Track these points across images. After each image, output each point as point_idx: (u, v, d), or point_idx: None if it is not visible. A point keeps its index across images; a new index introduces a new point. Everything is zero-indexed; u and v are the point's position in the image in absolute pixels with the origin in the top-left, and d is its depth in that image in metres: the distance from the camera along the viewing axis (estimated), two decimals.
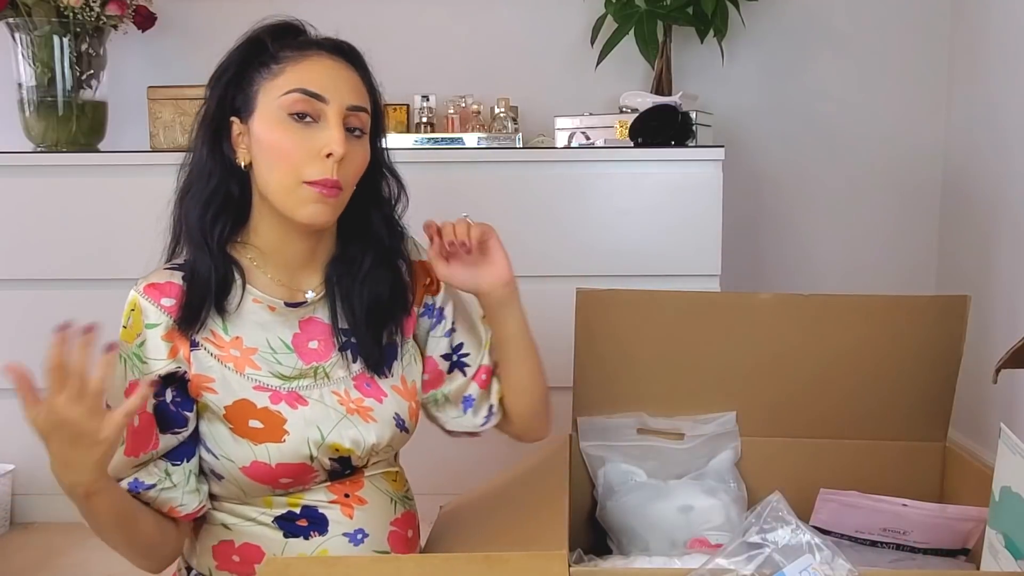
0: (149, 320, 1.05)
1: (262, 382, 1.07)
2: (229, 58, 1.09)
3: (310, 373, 1.10)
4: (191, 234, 1.08)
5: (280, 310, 1.11)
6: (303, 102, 1.04)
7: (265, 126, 1.05)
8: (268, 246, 1.11)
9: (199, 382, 1.06)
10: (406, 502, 1.19)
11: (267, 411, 1.06)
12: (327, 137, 1.04)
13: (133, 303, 1.07)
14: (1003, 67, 2.19)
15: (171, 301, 1.06)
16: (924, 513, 1.18)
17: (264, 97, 1.06)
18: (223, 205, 1.08)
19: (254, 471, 1.06)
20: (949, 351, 1.31)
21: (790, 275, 2.56)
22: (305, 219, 1.06)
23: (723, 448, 1.34)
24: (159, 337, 1.05)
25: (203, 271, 1.06)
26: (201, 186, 1.08)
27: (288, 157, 1.04)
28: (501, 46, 2.50)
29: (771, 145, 2.54)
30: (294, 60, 1.06)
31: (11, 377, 0.89)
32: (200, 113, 1.11)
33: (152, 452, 1.04)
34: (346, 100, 1.06)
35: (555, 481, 1.17)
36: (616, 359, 1.35)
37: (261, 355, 1.08)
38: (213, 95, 1.09)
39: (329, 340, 1.13)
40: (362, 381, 1.13)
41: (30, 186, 2.11)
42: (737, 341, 1.33)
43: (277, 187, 1.05)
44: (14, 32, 2.17)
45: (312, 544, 1.09)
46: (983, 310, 2.11)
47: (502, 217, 2.11)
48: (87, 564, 1.92)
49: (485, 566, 0.88)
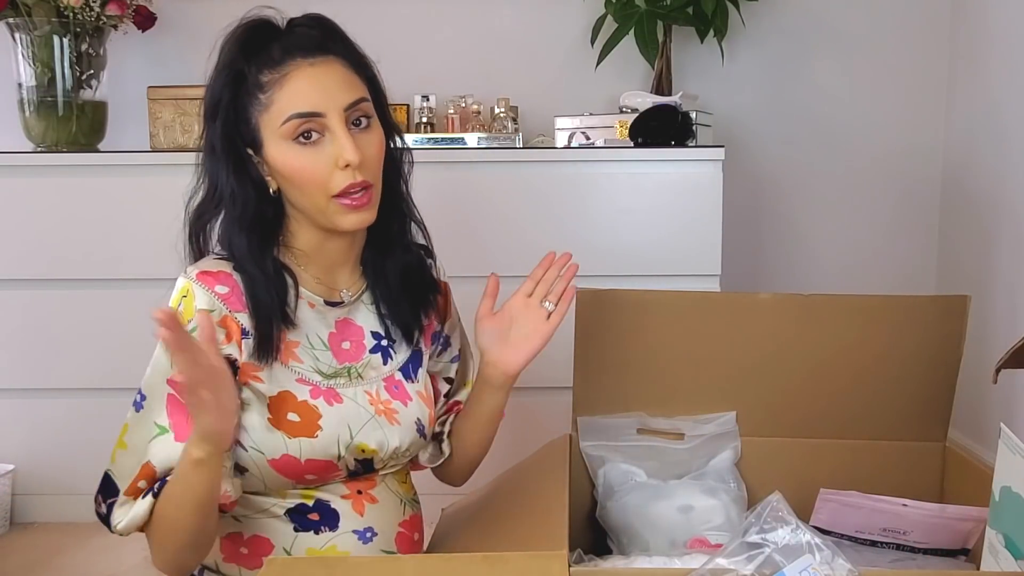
0: (202, 306, 1.05)
1: (304, 376, 1.09)
2: (216, 94, 1.08)
3: (344, 372, 1.12)
4: (246, 260, 1.07)
5: (320, 307, 1.13)
6: (301, 125, 1.05)
7: (277, 156, 1.06)
8: (308, 247, 1.13)
9: (248, 370, 1.06)
10: (414, 505, 1.20)
11: (306, 405, 1.07)
12: (337, 148, 1.05)
13: (185, 289, 1.06)
14: (1003, 67, 2.19)
15: (226, 289, 1.06)
16: (924, 513, 1.18)
17: (265, 131, 1.06)
18: (262, 226, 1.09)
19: (283, 464, 1.06)
20: (949, 351, 1.31)
21: (790, 275, 2.56)
22: (349, 227, 1.09)
23: (723, 448, 1.34)
24: (215, 324, 1.03)
25: (264, 295, 1.06)
26: (237, 213, 1.08)
27: (310, 179, 1.06)
28: (501, 46, 2.50)
29: (771, 145, 2.54)
30: (277, 84, 1.05)
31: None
32: (207, 146, 1.10)
33: None
34: (340, 102, 1.05)
35: (555, 481, 1.17)
36: (616, 359, 1.35)
37: (303, 348, 1.10)
38: (217, 134, 1.08)
39: (360, 343, 1.15)
40: (391, 384, 1.15)
41: (30, 186, 2.11)
42: (737, 341, 1.33)
43: (311, 207, 1.08)
44: (14, 32, 2.18)
45: (322, 539, 1.09)
46: (983, 310, 2.11)
47: (502, 217, 2.13)
48: (87, 564, 1.92)
49: (485, 566, 0.88)
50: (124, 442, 1.04)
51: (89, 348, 2.11)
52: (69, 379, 2.14)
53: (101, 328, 2.09)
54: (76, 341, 2.12)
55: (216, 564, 1.11)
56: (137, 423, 1.04)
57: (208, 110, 1.09)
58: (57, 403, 2.15)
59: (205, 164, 1.10)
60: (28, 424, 2.16)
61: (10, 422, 2.16)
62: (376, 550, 1.11)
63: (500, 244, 2.10)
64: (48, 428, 2.16)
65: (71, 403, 2.13)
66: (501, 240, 2.10)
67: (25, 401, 2.15)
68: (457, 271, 2.11)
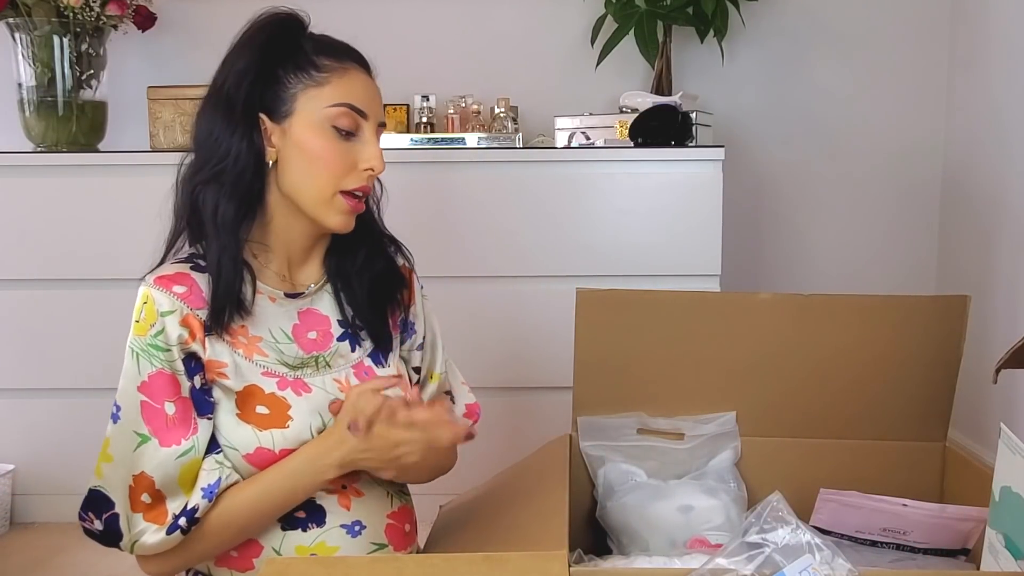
0: (163, 308, 1.05)
1: (270, 368, 1.09)
2: (253, 50, 1.09)
3: (311, 362, 1.12)
4: (224, 229, 1.07)
5: (280, 301, 1.13)
6: (349, 117, 1.09)
7: (308, 133, 1.08)
8: (276, 242, 1.14)
9: (212, 367, 1.07)
10: (402, 496, 1.20)
11: (274, 396, 1.08)
12: (369, 153, 1.10)
13: (145, 296, 1.07)
14: (1003, 67, 2.19)
15: (183, 288, 1.07)
16: (924, 513, 1.18)
17: (307, 103, 1.08)
18: (251, 201, 1.10)
19: (257, 458, 1.06)
20: (949, 351, 1.31)
21: (790, 275, 2.57)
22: (335, 227, 1.11)
23: (723, 448, 1.34)
24: (176, 323, 1.05)
25: (228, 270, 1.07)
26: (233, 179, 1.08)
27: (330, 167, 1.08)
28: (501, 46, 2.50)
29: (771, 145, 2.54)
30: (337, 72, 1.09)
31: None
32: (222, 98, 1.09)
33: (194, 438, 1.05)
34: (379, 116, 1.13)
35: (555, 481, 1.17)
36: (616, 359, 1.35)
37: (266, 343, 1.11)
38: (239, 85, 1.07)
39: (327, 331, 1.15)
40: (361, 370, 1.15)
41: (30, 186, 2.11)
42: (737, 341, 1.33)
43: (314, 193, 1.09)
44: (14, 32, 2.18)
45: (310, 536, 1.09)
46: (983, 310, 2.12)
47: (502, 217, 2.13)
48: (87, 564, 1.92)
49: (485, 566, 0.88)
50: (109, 455, 1.05)
51: (89, 348, 2.11)
52: (69, 379, 2.15)
53: (101, 328, 2.09)
54: (76, 341, 2.12)
55: (208, 568, 1.11)
56: (118, 434, 1.05)
57: (238, 69, 1.08)
58: (57, 403, 2.15)
59: (213, 123, 1.09)
60: (28, 424, 2.16)
61: (10, 422, 2.16)
62: (366, 543, 1.11)
63: (500, 244, 2.10)
64: (47, 428, 2.16)
65: (71, 403, 2.14)
66: (501, 240, 2.10)
67: (25, 401, 2.15)
68: (456, 271, 2.12)
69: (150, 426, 1.04)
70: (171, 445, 1.03)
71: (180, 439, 1.04)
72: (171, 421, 1.04)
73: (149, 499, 1.04)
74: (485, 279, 2.12)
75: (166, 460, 1.03)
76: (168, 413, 1.04)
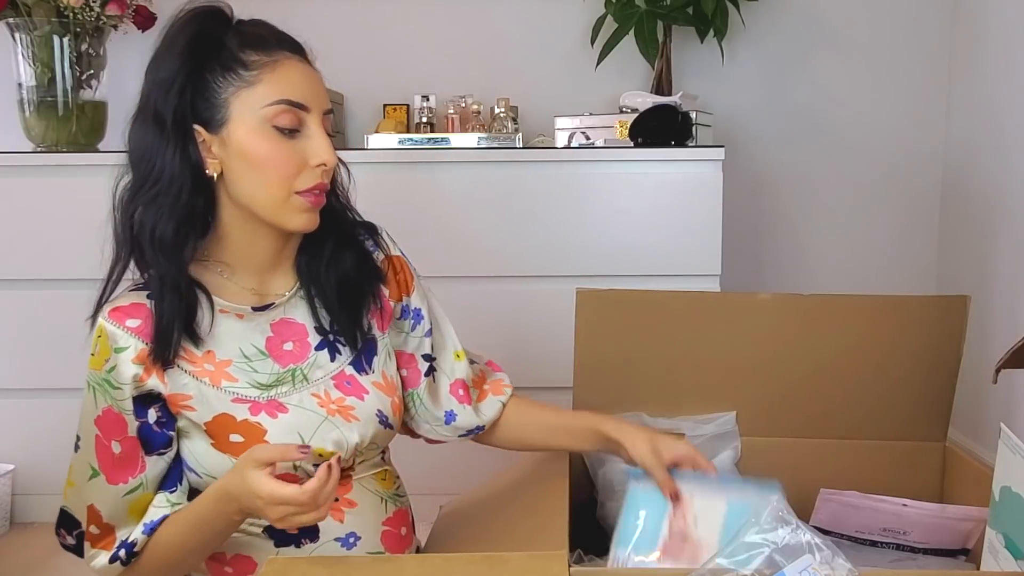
0: (118, 344, 1.03)
1: (240, 394, 1.04)
2: (174, 56, 1.01)
3: (287, 377, 1.07)
4: (162, 253, 1.01)
5: (248, 316, 1.08)
6: (289, 113, 1.01)
7: (248, 139, 1.01)
8: (236, 256, 1.08)
9: (176, 400, 1.04)
10: (397, 500, 1.17)
11: (247, 423, 1.03)
12: (317, 148, 1.03)
13: (99, 329, 1.04)
14: (1003, 67, 2.19)
15: (137, 322, 1.03)
16: (924, 513, 1.18)
17: (240, 107, 1.01)
18: (192, 219, 1.03)
19: None
20: (949, 351, 1.31)
21: (790, 275, 2.57)
22: (299, 227, 1.05)
23: (723, 448, 1.34)
24: (129, 360, 1.02)
25: (172, 296, 1.01)
26: (170, 199, 1.01)
27: (279, 171, 1.01)
28: (501, 46, 2.50)
29: (771, 145, 2.54)
30: (268, 67, 1.01)
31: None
32: (150, 113, 1.03)
33: (141, 476, 1.04)
34: (323, 105, 1.05)
35: (555, 481, 1.17)
36: (616, 359, 1.35)
37: (236, 366, 1.06)
38: (165, 96, 1.01)
39: (304, 341, 1.10)
40: (342, 380, 1.10)
41: (30, 186, 2.11)
42: (737, 341, 1.33)
43: (267, 199, 1.03)
44: (14, 32, 2.17)
45: (304, 551, 1.07)
46: (983, 310, 2.12)
47: (502, 217, 2.13)
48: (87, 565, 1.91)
49: (485, 566, 0.88)
50: (72, 481, 1.07)
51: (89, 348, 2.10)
52: (69, 379, 2.12)
53: None
54: (76, 341, 2.11)
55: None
56: (77, 463, 1.06)
57: (162, 78, 1.01)
58: (57, 403, 2.14)
59: (145, 140, 1.03)
60: (28, 424, 2.16)
61: (10, 422, 2.16)
62: (361, 554, 1.09)
63: (500, 244, 2.10)
64: (48, 428, 2.15)
65: (71, 403, 2.10)
66: (501, 240, 2.10)
67: (25, 401, 2.15)
68: (456, 271, 2.12)
69: (100, 462, 1.04)
70: (118, 483, 1.03)
71: (128, 477, 1.03)
72: (117, 460, 1.03)
73: (97, 530, 1.05)
74: (485, 279, 2.12)
75: (114, 496, 1.03)
76: (115, 452, 1.03)
